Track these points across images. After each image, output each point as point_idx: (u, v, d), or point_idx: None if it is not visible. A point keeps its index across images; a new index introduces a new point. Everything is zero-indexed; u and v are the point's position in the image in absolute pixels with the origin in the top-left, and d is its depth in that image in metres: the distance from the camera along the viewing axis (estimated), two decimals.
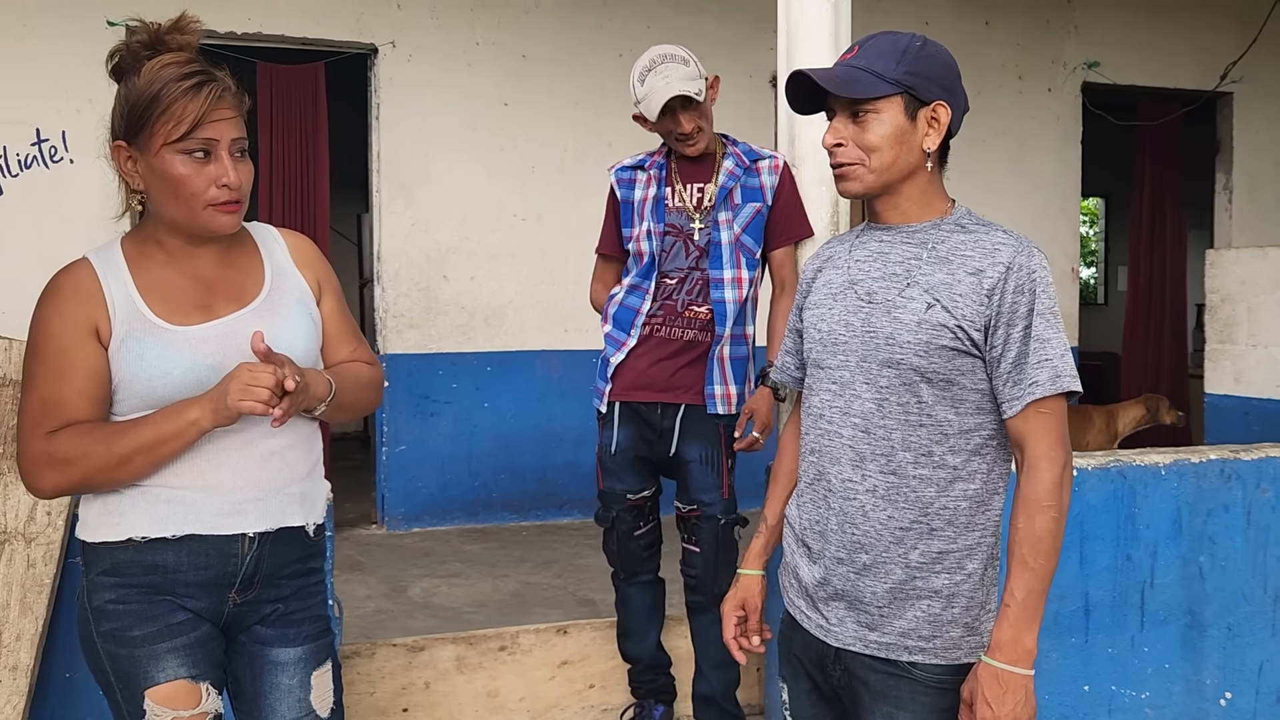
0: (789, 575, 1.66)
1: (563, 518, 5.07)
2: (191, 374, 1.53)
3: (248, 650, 1.64)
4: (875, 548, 1.53)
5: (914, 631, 1.52)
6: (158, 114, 1.49)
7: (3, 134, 4.33)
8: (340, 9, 4.75)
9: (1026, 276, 1.48)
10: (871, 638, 1.54)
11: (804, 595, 1.61)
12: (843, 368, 1.56)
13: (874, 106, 1.51)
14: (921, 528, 1.52)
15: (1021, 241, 1.52)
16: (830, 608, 1.57)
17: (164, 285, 1.57)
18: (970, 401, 1.51)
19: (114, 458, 1.50)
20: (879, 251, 1.58)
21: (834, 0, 2.63)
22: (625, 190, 2.73)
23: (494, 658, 2.81)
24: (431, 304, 4.95)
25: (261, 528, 1.59)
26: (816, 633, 1.59)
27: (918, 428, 1.51)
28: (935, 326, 1.49)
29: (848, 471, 1.55)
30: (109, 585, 1.54)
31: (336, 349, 1.72)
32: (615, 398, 2.69)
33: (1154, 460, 2.88)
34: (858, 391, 1.54)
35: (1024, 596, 1.46)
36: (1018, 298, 1.47)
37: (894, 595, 1.53)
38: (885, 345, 1.52)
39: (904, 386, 1.51)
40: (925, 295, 1.51)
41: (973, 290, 1.49)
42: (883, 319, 1.53)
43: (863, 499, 1.53)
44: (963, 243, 1.53)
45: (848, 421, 1.55)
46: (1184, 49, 6.03)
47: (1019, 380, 1.48)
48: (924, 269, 1.53)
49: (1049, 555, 1.46)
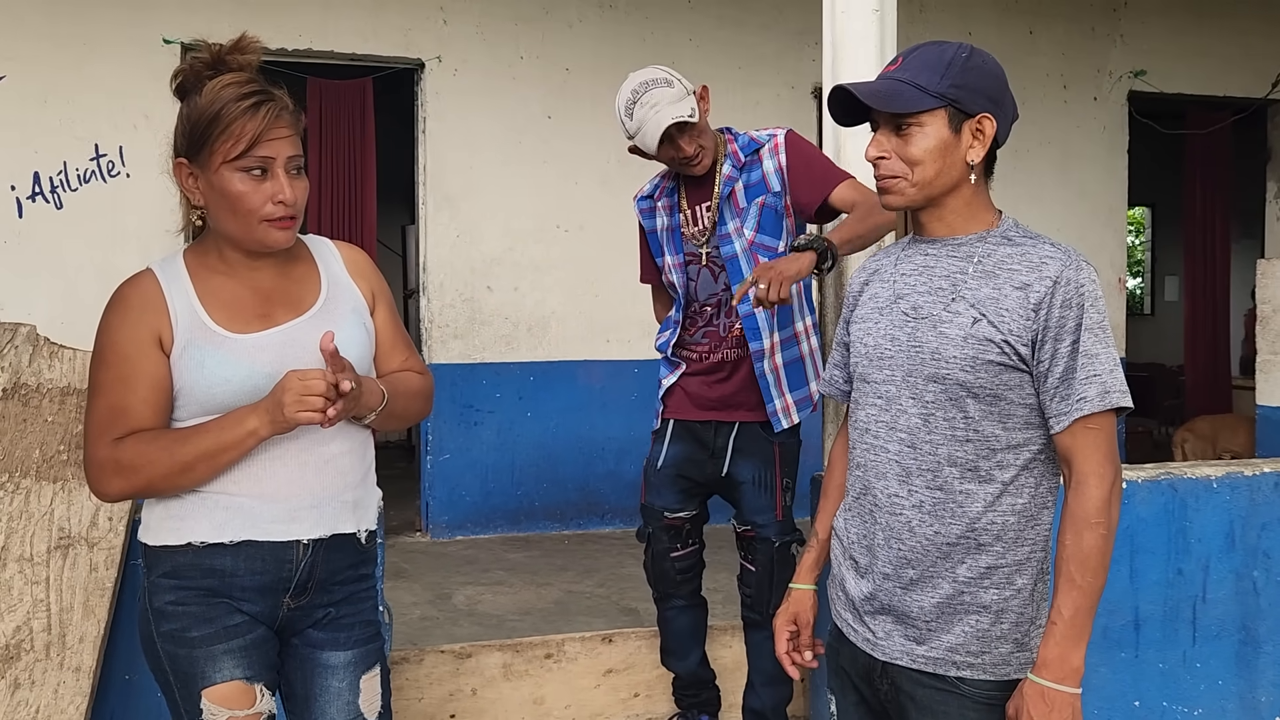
0: (836, 588, 1.67)
1: (604, 527, 5.09)
2: (250, 381, 1.57)
3: (300, 653, 1.68)
4: (922, 563, 1.52)
5: (962, 646, 1.51)
6: (218, 132, 1.54)
7: (63, 149, 4.46)
8: (389, 25, 4.83)
9: (1074, 291, 1.46)
10: (919, 652, 1.53)
11: (851, 608, 1.61)
12: (888, 382, 1.56)
13: (917, 120, 1.50)
14: (969, 543, 1.51)
15: (1070, 254, 1.50)
16: (878, 621, 1.56)
17: (225, 295, 1.62)
18: (1018, 416, 1.50)
19: (177, 465, 1.54)
20: (924, 265, 1.57)
21: (879, 12, 2.63)
22: (648, 220, 2.71)
23: (540, 665, 2.83)
24: (476, 314, 5.00)
25: (315, 534, 1.63)
26: (864, 646, 1.59)
27: (964, 443, 1.50)
28: (981, 341, 1.48)
29: (894, 486, 1.54)
30: (169, 587, 1.59)
31: (389, 358, 1.76)
32: (670, 415, 2.67)
33: (1205, 473, 2.85)
34: (904, 406, 1.54)
35: (1071, 614, 1.44)
36: (1065, 312, 1.46)
37: (941, 610, 1.52)
38: (931, 360, 1.51)
39: (950, 401, 1.50)
40: (971, 309, 1.50)
41: (1019, 304, 1.47)
42: (928, 333, 1.52)
43: (909, 514, 1.53)
44: (1009, 256, 1.51)
45: (894, 436, 1.55)
46: (1233, 56, 5.94)
47: (1066, 396, 1.46)
48: (970, 283, 1.52)
49: (1097, 572, 1.45)
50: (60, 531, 2.09)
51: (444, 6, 4.91)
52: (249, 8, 4.62)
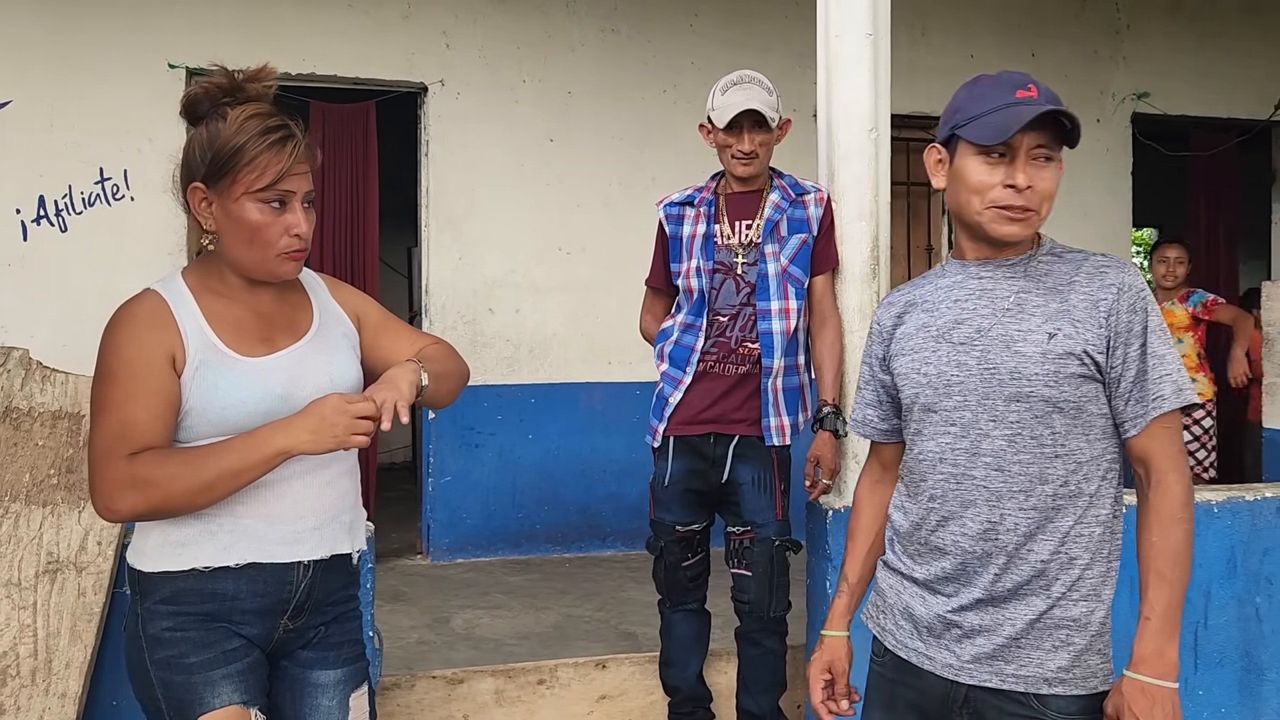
0: (894, 617, 1.63)
1: (606, 550, 5.06)
2: (264, 403, 1.59)
3: (289, 674, 1.69)
4: (1018, 583, 1.52)
5: (1052, 662, 1.51)
6: (243, 164, 1.56)
7: (67, 173, 4.49)
8: (391, 50, 4.87)
9: (1136, 295, 1.51)
10: (1009, 671, 1.52)
11: (924, 635, 1.58)
12: (962, 408, 1.55)
13: (1059, 154, 1.54)
14: (1062, 558, 1.51)
15: (1121, 261, 1.56)
16: (963, 645, 1.55)
17: (229, 318, 1.63)
18: (1097, 428, 1.52)
19: (199, 482, 1.53)
20: (981, 288, 1.58)
21: (873, 36, 2.64)
22: (674, 226, 2.76)
23: (533, 691, 2.81)
24: (477, 336, 5.01)
25: (317, 555, 1.65)
26: (944, 673, 1.56)
27: (1053, 459, 1.51)
28: (1061, 356, 1.50)
29: (984, 512, 1.53)
30: (166, 613, 1.58)
31: (401, 351, 1.77)
32: (670, 433, 2.72)
33: (1206, 498, 2.82)
34: (985, 430, 1.53)
35: (1164, 609, 1.47)
36: (1131, 317, 1.50)
37: (1033, 627, 1.52)
38: (1011, 380, 1.51)
39: (1036, 419, 1.51)
40: (1045, 325, 1.51)
41: (1089, 314, 1.51)
42: (1002, 354, 1.52)
43: (1004, 537, 1.52)
44: (1066, 270, 1.55)
45: (977, 462, 1.54)
46: (1236, 78, 5.93)
47: (1142, 398, 1.50)
48: (1035, 299, 1.54)
49: (1186, 567, 1.49)
50: (49, 556, 2.08)
51: (447, 30, 4.94)
52: (253, 32, 4.65)
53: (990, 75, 1.59)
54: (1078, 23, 5.75)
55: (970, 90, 1.58)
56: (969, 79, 1.62)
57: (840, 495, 2.70)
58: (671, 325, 2.75)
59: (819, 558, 2.73)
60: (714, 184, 2.77)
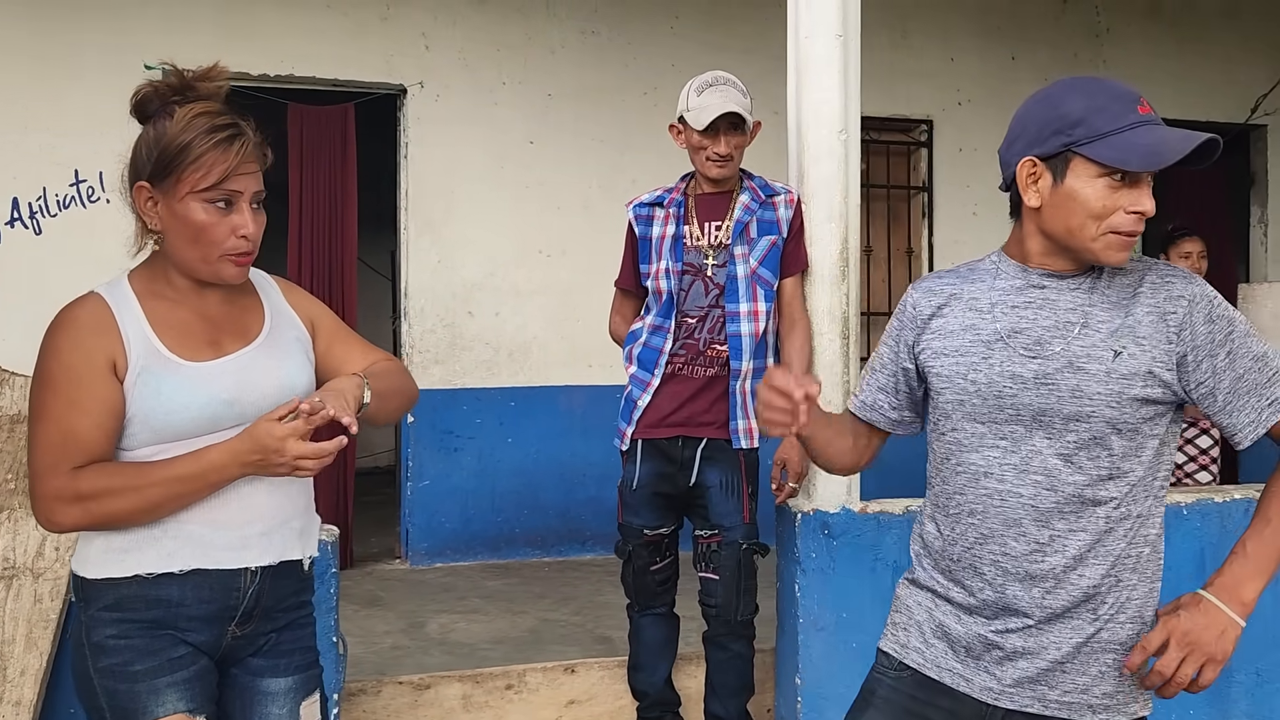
0: (922, 635, 1.57)
1: (585, 554, 5.05)
2: (209, 408, 1.56)
3: (239, 682, 1.67)
4: (1066, 606, 1.47)
5: (1097, 687, 1.46)
6: (187, 162, 1.54)
7: (42, 175, 4.46)
8: (370, 51, 4.85)
9: (1210, 304, 1.45)
10: (1052, 697, 1.47)
11: (960, 656, 1.53)
12: (1014, 422, 1.48)
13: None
14: (1111, 580, 1.47)
15: (1185, 273, 1.50)
16: (1004, 668, 1.49)
17: (175, 321, 1.61)
18: (1150, 449, 1.47)
19: (143, 501, 1.52)
20: (1043, 298, 1.50)
21: (843, 37, 2.64)
22: (643, 227, 2.76)
23: (500, 696, 2.80)
24: (457, 340, 4.99)
25: (264, 561, 1.63)
26: (982, 696, 1.50)
27: (1107, 480, 1.45)
28: (1126, 375, 1.44)
29: (1032, 530, 1.47)
30: (110, 621, 1.56)
31: (352, 365, 1.74)
32: (638, 436, 2.71)
33: (1176, 500, 2.82)
34: (1037, 447, 1.47)
35: (1255, 546, 1.44)
36: (1211, 327, 1.44)
37: (1079, 650, 1.47)
38: (1071, 398, 1.44)
39: (1094, 440, 1.44)
40: (1110, 342, 1.45)
41: (1158, 330, 1.45)
42: (1063, 371, 1.45)
43: (1052, 559, 1.46)
44: (1130, 283, 1.48)
45: (1027, 480, 1.47)
46: (1215, 82, 5.96)
47: (1253, 405, 1.44)
48: (1100, 314, 1.47)
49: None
50: (5, 562, 2.06)
51: (426, 32, 4.92)
52: (231, 34, 4.63)
53: (1093, 80, 1.47)
54: (1058, 26, 5.76)
55: (1085, 97, 1.44)
56: (1056, 82, 1.49)
57: (809, 498, 2.69)
58: (640, 327, 2.74)
59: (788, 561, 2.72)
60: (684, 185, 2.77)
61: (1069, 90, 1.46)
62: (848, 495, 2.68)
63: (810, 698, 2.65)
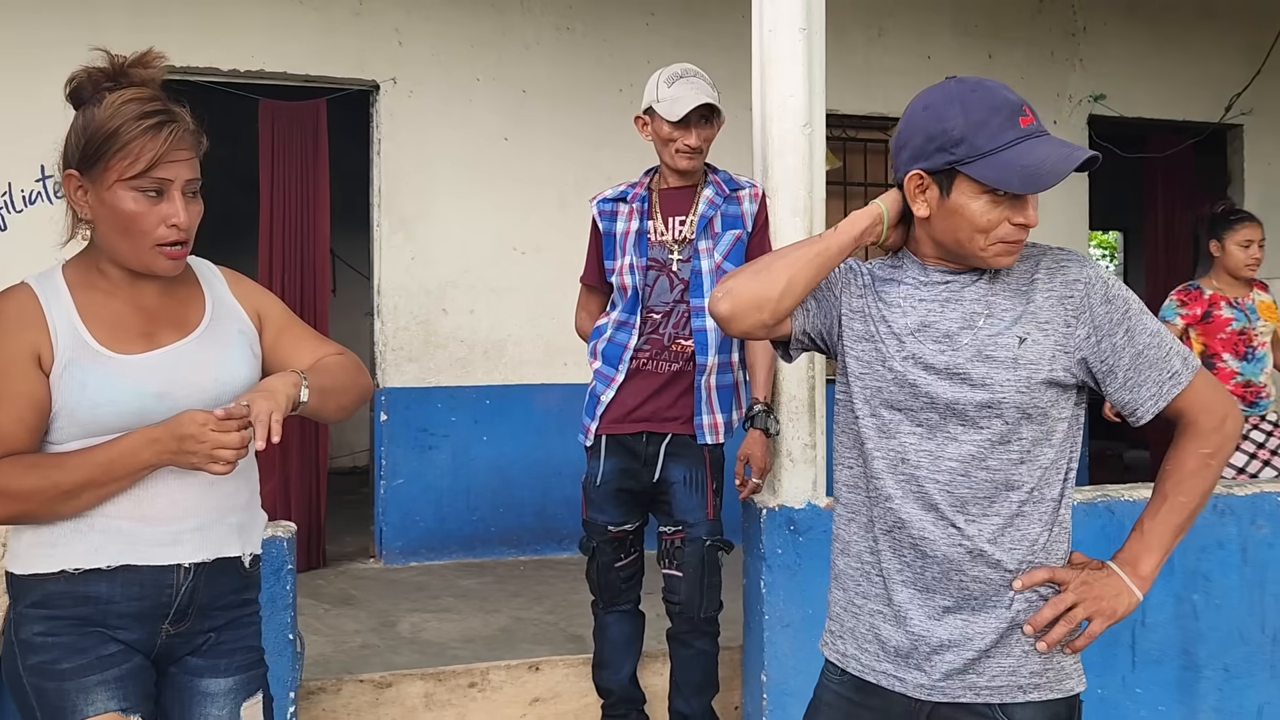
0: (857, 641, 1.57)
1: (561, 552, 5.01)
2: (136, 401, 1.52)
3: (177, 681, 1.63)
4: (985, 592, 1.48)
5: (1023, 668, 1.48)
6: (115, 149, 1.50)
7: (7, 171, 4.41)
8: (342, 47, 4.81)
9: (1105, 285, 1.49)
10: (982, 684, 1.48)
11: (893, 657, 1.53)
12: (929, 409, 1.50)
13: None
14: (1030, 564, 1.48)
15: (1076, 255, 1.53)
16: (932, 663, 1.50)
17: (107, 313, 1.57)
18: (1059, 432, 1.50)
19: (60, 493, 1.49)
20: (949, 292, 1.53)
21: (806, 30, 2.62)
22: (607, 222, 2.74)
23: (463, 694, 2.77)
24: (431, 337, 4.95)
25: (198, 558, 1.59)
26: (915, 693, 1.51)
27: (1020, 465, 1.48)
28: (1032, 361, 1.46)
29: (949, 516, 1.49)
30: (38, 618, 1.53)
31: (300, 358, 1.70)
32: (602, 431, 2.68)
33: (1143, 495, 2.81)
34: (952, 434, 1.49)
35: (1151, 523, 1.50)
36: (1108, 307, 1.48)
37: (1003, 636, 1.48)
38: (982, 386, 1.47)
39: (1006, 427, 1.47)
40: (1014, 329, 1.48)
41: (1056, 314, 1.48)
42: (973, 360, 1.48)
43: (969, 544, 1.48)
44: (1026, 269, 1.52)
45: (941, 466, 1.49)
46: (1192, 81, 5.98)
47: (1153, 379, 1.47)
48: (1002, 303, 1.50)
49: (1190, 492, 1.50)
50: None
51: (399, 28, 4.89)
52: (201, 29, 4.59)
53: (977, 88, 1.46)
54: (1034, 25, 5.77)
55: (963, 111, 1.44)
56: (941, 86, 1.49)
57: (774, 494, 2.67)
58: (605, 323, 2.72)
59: (753, 557, 2.70)
60: (647, 180, 2.75)
61: (951, 102, 1.46)
62: (813, 491, 2.67)
63: (776, 695, 2.64)
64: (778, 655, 2.63)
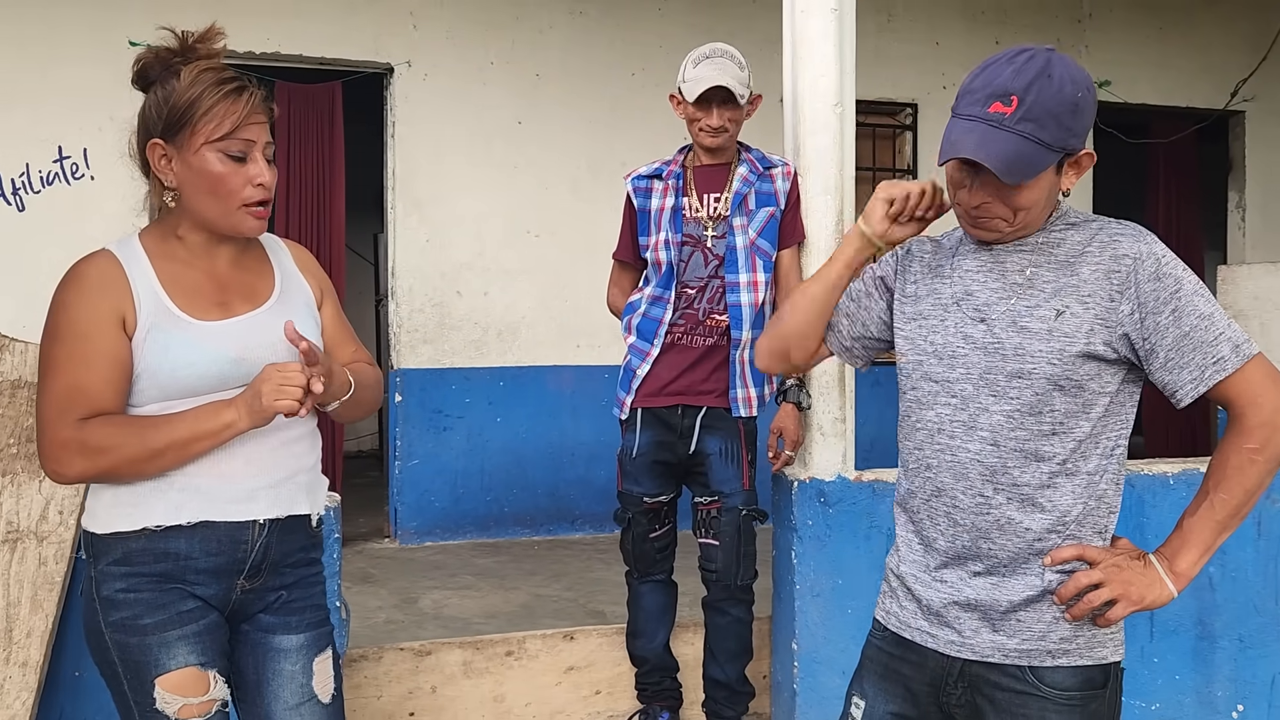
0: (898, 600, 1.63)
1: (574, 532, 5.07)
2: (215, 366, 1.58)
3: (251, 638, 1.68)
4: (1015, 559, 1.51)
5: (1053, 634, 1.50)
6: (200, 114, 1.56)
7: (26, 151, 4.42)
8: (358, 30, 4.83)
9: (1158, 262, 1.46)
10: (1011, 645, 1.51)
11: (926, 614, 1.58)
12: (963, 380, 1.53)
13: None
14: (1061, 533, 1.50)
15: (1136, 229, 1.50)
16: (963, 621, 1.54)
17: (184, 280, 1.62)
18: (1099, 406, 1.49)
19: (146, 451, 1.53)
20: (992, 260, 1.54)
21: (838, 11, 2.66)
22: (642, 199, 2.78)
23: (501, 663, 2.82)
24: (445, 319, 4.99)
25: (272, 514, 1.64)
26: (947, 649, 1.55)
27: (1050, 436, 1.48)
28: (1068, 334, 1.47)
29: (978, 485, 1.52)
30: (119, 575, 1.57)
31: (340, 352, 1.78)
32: (638, 405, 2.74)
33: (1162, 470, 2.88)
34: (984, 404, 1.51)
35: (1190, 522, 1.48)
36: (1156, 284, 1.45)
37: (1030, 601, 1.51)
38: (1014, 356, 1.49)
39: (1036, 397, 1.48)
40: (1052, 302, 1.48)
41: (1100, 289, 1.47)
42: (1007, 330, 1.50)
43: (997, 512, 1.51)
44: (1079, 242, 1.50)
45: (974, 436, 1.52)
46: (1195, 68, 6.03)
47: (1195, 363, 1.44)
48: (1046, 274, 1.50)
49: (1234, 491, 1.47)
50: (9, 525, 2.06)
51: (414, 11, 4.91)
52: (217, 10, 4.56)
53: (996, 62, 1.46)
54: (1041, 10, 5.82)
55: (969, 81, 1.48)
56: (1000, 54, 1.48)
57: (805, 467, 2.73)
58: (639, 298, 2.76)
59: (784, 529, 2.75)
60: (682, 157, 2.79)
61: (980, 68, 1.49)
62: (843, 464, 2.72)
63: (806, 663, 2.69)
64: (808, 624, 2.69)
